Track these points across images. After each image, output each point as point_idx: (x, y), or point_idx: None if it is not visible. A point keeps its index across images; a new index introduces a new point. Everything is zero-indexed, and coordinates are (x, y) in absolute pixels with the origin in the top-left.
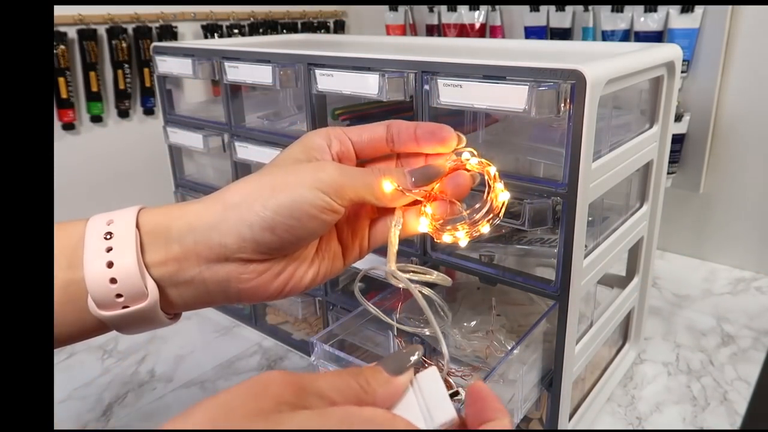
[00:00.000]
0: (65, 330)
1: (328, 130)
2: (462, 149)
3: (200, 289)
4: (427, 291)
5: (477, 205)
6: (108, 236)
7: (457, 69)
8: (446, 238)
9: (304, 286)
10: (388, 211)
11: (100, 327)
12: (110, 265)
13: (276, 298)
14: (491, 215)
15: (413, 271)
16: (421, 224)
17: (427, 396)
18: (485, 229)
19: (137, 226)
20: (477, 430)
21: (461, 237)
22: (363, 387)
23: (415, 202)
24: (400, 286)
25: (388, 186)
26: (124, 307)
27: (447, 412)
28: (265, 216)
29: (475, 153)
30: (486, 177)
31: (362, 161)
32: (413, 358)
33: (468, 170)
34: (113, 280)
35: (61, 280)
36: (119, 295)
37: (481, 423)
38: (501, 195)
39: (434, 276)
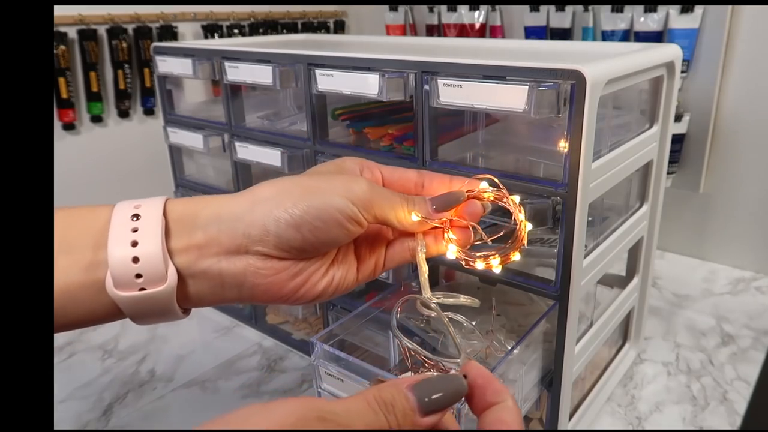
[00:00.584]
0: (78, 312)
1: (361, 160)
2: (482, 177)
3: (215, 281)
4: (460, 318)
5: (501, 233)
6: (135, 218)
7: (457, 69)
8: (479, 266)
9: (316, 294)
10: (406, 234)
11: (113, 312)
12: (134, 244)
13: (287, 301)
14: (519, 243)
15: (443, 296)
16: (449, 251)
17: None
18: (516, 257)
19: (164, 213)
20: (491, 430)
21: (495, 264)
22: (393, 428)
23: (434, 228)
24: (433, 315)
25: (413, 217)
26: (141, 290)
27: None
28: (294, 213)
29: (497, 181)
30: (512, 207)
31: None
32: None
33: (485, 198)
34: (135, 259)
35: (85, 261)
36: (139, 276)
37: (485, 407)
38: (528, 225)
39: (462, 299)
